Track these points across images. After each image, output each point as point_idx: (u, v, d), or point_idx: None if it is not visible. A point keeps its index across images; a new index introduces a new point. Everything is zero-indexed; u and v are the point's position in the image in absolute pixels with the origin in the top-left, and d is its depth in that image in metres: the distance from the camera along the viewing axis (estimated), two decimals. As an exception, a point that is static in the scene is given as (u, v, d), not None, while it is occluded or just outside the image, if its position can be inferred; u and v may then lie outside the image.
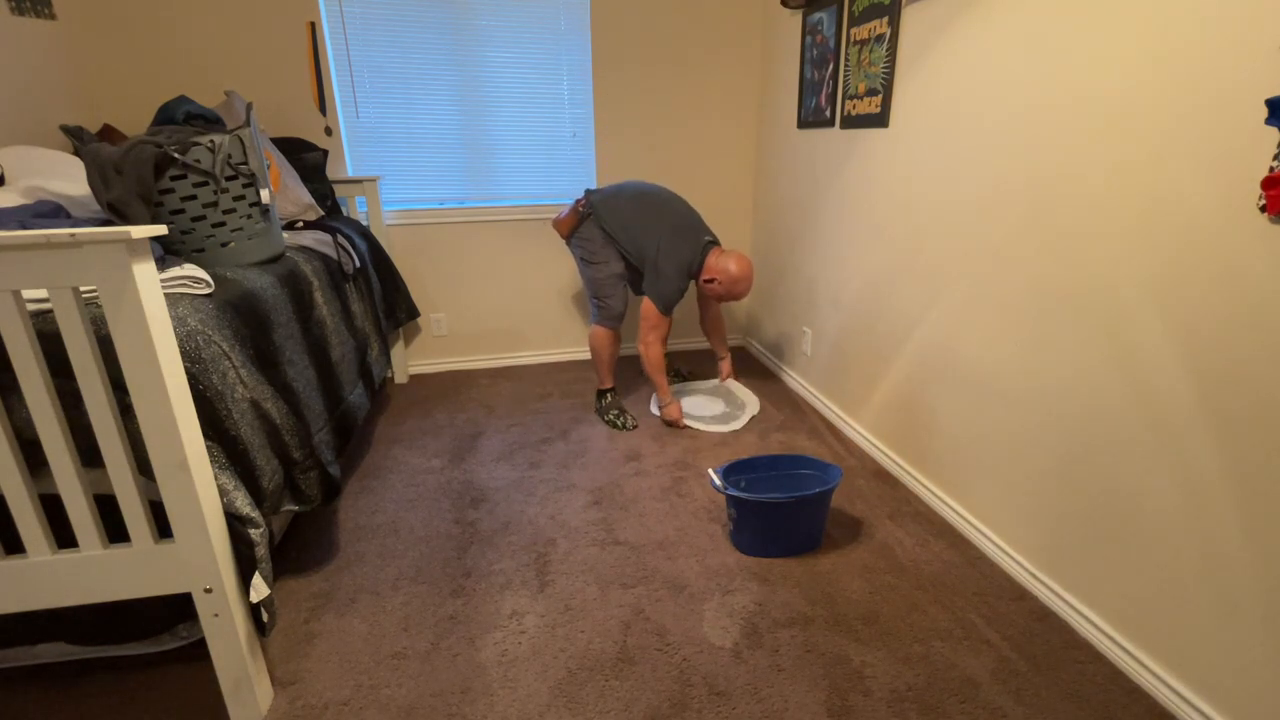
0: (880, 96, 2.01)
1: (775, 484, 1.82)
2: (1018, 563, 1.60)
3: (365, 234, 2.60)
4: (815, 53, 2.41)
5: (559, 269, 3.11)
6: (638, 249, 2.34)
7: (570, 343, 3.25)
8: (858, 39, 2.12)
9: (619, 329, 2.48)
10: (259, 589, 1.17)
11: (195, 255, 1.54)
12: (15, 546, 1.10)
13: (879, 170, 2.08)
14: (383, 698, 1.29)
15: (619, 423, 2.47)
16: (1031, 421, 1.54)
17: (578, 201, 2.43)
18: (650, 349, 2.39)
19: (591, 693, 1.30)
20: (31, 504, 1.05)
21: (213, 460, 1.15)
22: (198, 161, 1.49)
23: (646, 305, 2.34)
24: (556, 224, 2.46)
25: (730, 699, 1.28)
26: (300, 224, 2.23)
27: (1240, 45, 1.05)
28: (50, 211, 1.50)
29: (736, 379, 2.88)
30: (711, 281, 2.33)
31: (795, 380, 2.82)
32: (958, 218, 1.73)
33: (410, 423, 2.55)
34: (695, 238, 2.33)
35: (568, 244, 2.50)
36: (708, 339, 2.75)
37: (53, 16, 2.24)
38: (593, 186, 3.03)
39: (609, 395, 2.56)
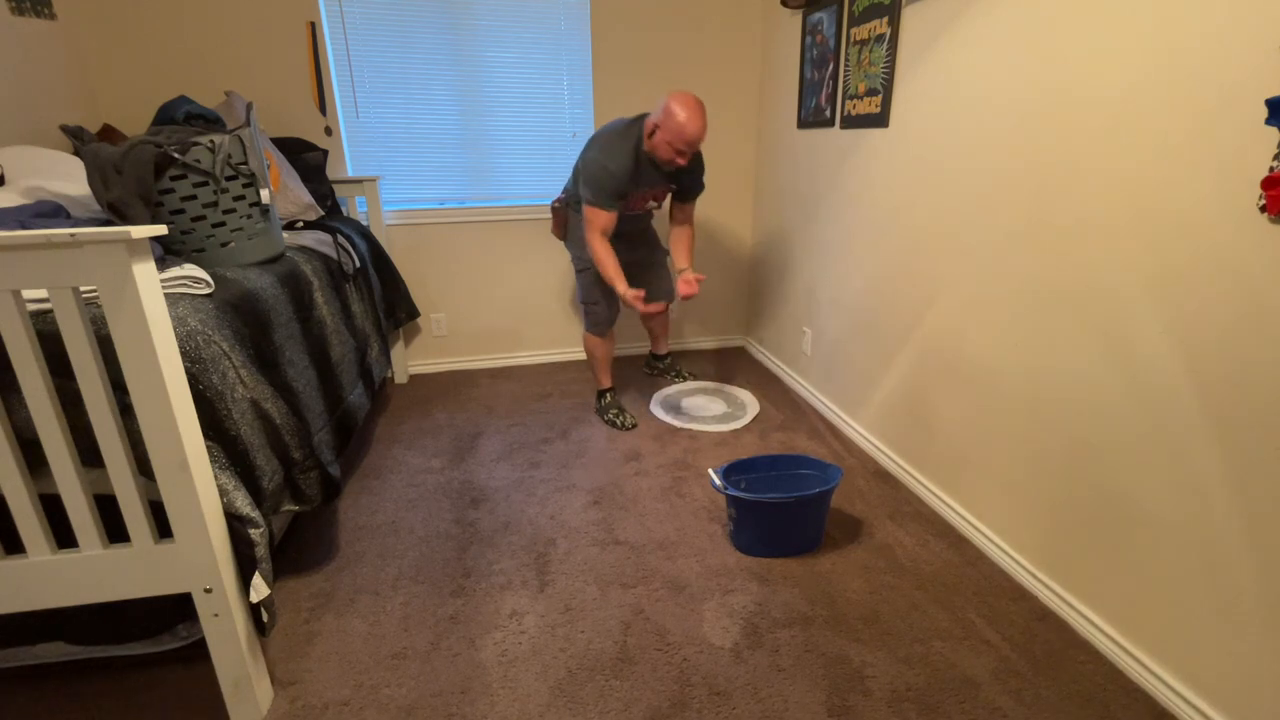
0: (880, 96, 2.01)
1: (775, 484, 1.82)
2: (1018, 563, 1.60)
3: (365, 234, 2.60)
4: (815, 53, 2.41)
5: (559, 269, 3.11)
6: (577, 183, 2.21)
7: (570, 343, 3.25)
8: (858, 39, 2.12)
9: (610, 333, 2.48)
10: (259, 589, 1.17)
11: (195, 255, 1.54)
12: (15, 546, 1.10)
13: (879, 170, 2.08)
14: (383, 698, 1.29)
15: (618, 422, 2.46)
16: (1032, 421, 1.54)
17: (555, 200, 2.40)
18: (594, 247, 2.15)
19: (591, 693, 1.30)
20: (31, 504, 1.05)
21: (213, 460, 1.15)
22: (198, 161, 1.49)
23: (585, 207, 2.14)
24: (554, 230, 2.47)
25: (730, 699, 1.28)
26: (300, 224, 2.23)
27: (1240, 45, 1.05)
28: (50, 211, 1.50)
29: (735, 384, 2.88)
30: (653, 134, 2.03)
31: (795, 380, 2.82)
32: (958, 218, 1.73)
33: (410, 423, 2.55)
34: (626, 123, 2.12)
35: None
36: (671, 251, 2.43)
37: (53, 16, 2.24)
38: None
39: (608, 395, 2.56)
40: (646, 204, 2.30)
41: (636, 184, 2.15)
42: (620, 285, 2.14)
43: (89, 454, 1.07)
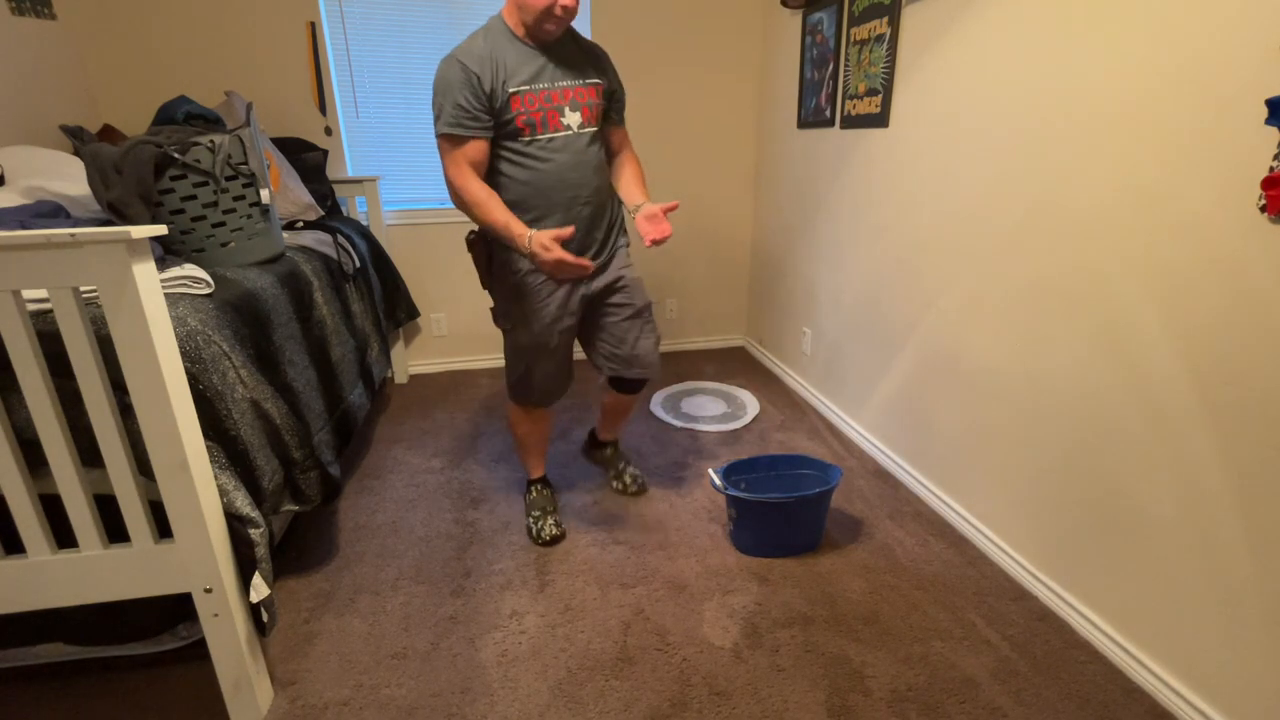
0: (880, 96, 2.01)
1: (775, 484, 1.82)
2: (1018, 563, 1.60)
3: (365, 234, 2.60)
4: (815, 53, 2.41)
5: (559, 269, 3.11)
6: None
7: (570, 343, 3.25)
8: (858, 39, 2.12)
9: (544, 412, 1.75)
10: (259, 589, 1.17)
11: (195, 255, 1.54)
12: (15, 546, 1.10)
13: (879, 170, 2.08)
14: (383, 698, 1.29)
15: (536, 529, 1.75)
16: (1032, 421, 1.54)
17: (471, 231, 1.60)
18: (459, 186, 1.46)
19: (591, 693, 1.30)
20: (31, 504, 1.05)
21: (213, 460, 1.15)
22: (198, 161, 1.49)
23: (438, 143, 1.46)
24: (480, 276, 1.65)
25: (730, 699, 1.28)
26: (300, 224, 2.23)
27: (1240, 45, 1.05)
28: (50, 211, 1.50)
29: (735, 384, 2.88)
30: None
31: (795, 380, 2.82)
32: (957, 218, 1.73)
33: (410, 423, 2.55)
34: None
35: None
36: (620, 189, 1.64)
37: (53, 16, 2.24)
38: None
39: (535, 488, 1.85)
40: (560, 118, 1.45)
41: (508, 75, 1.39)
42: (516, 227, 1.39)
43: (89, 454, 1.07)
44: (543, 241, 1.35)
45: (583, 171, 1.50)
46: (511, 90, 1.41)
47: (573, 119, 1.47)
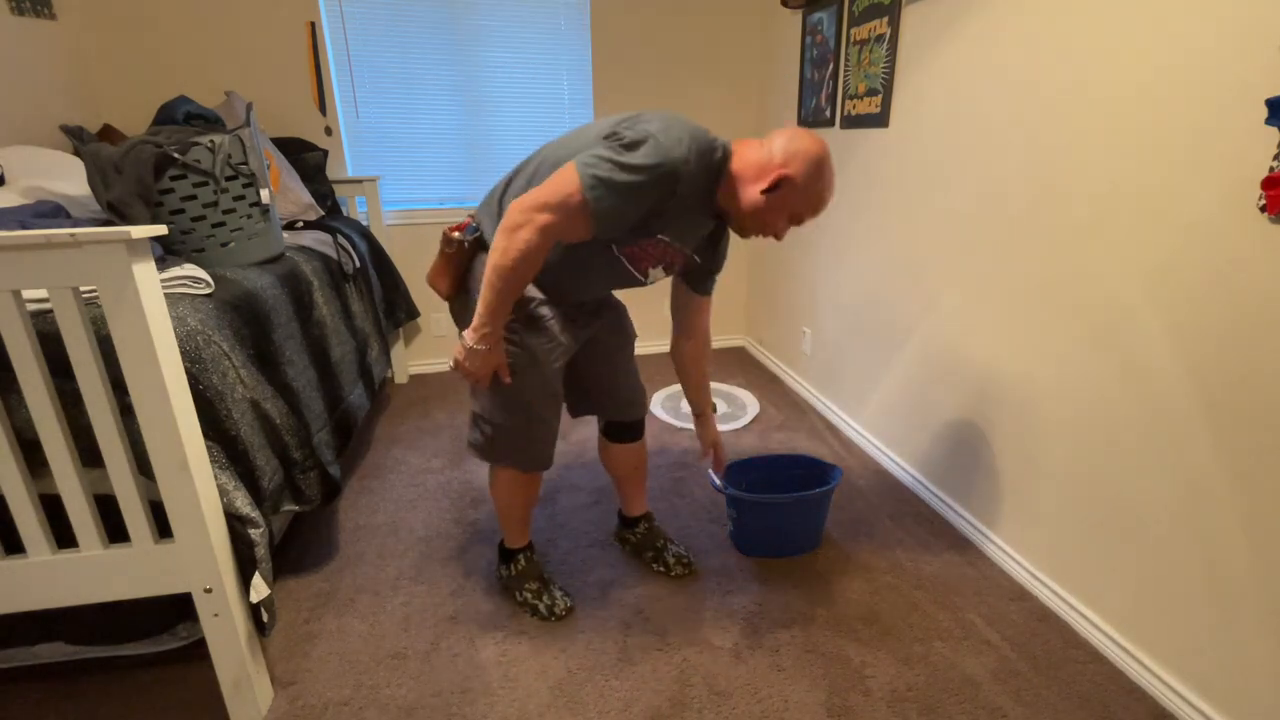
0: (880, 96, 2.01)
1: (775, 484, 1.82)
2: (1018, 563, 1.60)
3: (365, 234, 2.60)
4: (815, 53, 2.41)
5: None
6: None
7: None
8: (858, 39, 2.12)
9: (538, 475, 1.46)
10: (259, 589, 1.17)
11: (195, 255, 1.54)
12: (15, 546, 1.10)
13: (879, 170, 2.08)
14: (383, 698, 1.29)
15: (542, 606, 1.50)
16: (1031, 421, 1.54)
17: (450, 229, 1.28)
18: (533, 242, 1.10)
19: (591, 693, 1.30)
20: (31, 504, 1.05)
21: (213, 460, 1.15)
22: (198, 161, 1.49)
23: (558, 180, 1.10)
24: (434, 278, 1.33)
25: (730, 699, 1.28)
26: (300, 224, 2.23)
27: (1240, 45, 1.05)
28: (50, 211, 1.50)
29: (735, 384, 2.87)
30: (777, 187, 1.16)
31: (795, 380, 2.82)
32: (957, 218, 1.73)
33: (410, 423, 2.55)
34: (700, 128, 1.16)
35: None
36: (683, 382, 1.60)
37: (53, 16, 2.24)
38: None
39: (521, 558, 1.54)
40: (647, 268, 1.29)
41: (663, 220, 1.18)
42: (499, 319, 1.19)
43: (89, 454, 1.07)
44: (491, 358, 1.22)
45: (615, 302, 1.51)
46: (654, 220, 1.17)
47: (651, 274, 1.33)
